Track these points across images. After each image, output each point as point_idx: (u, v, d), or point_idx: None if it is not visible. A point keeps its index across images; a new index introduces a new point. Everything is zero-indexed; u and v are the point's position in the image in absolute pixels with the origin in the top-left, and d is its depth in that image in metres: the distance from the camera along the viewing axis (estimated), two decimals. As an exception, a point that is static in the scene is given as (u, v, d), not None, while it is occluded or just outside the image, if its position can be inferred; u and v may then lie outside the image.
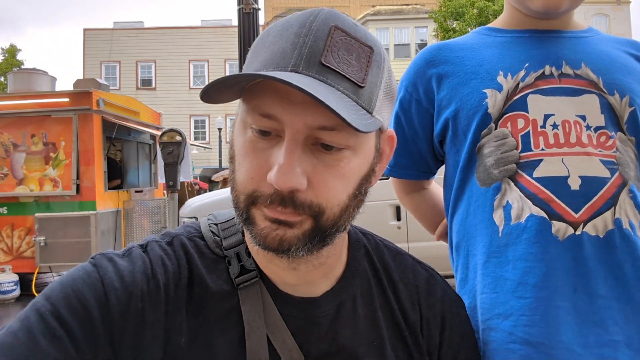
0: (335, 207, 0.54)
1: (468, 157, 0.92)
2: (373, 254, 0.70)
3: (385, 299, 0.67)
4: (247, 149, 0.54)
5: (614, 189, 0.82)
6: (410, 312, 0.67)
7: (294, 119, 0.51)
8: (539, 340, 0.79)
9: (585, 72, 0.86)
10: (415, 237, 4.51)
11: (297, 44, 0.52)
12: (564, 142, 0.84)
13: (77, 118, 5.99)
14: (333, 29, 0.53)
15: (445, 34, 15.83)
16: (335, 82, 0.51)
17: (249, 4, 4.49)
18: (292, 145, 0.51)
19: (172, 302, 0.57)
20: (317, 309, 0.62)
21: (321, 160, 0.53)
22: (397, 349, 0.64)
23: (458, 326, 0.69)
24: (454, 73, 0.95)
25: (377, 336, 0.63)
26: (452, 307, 0.70)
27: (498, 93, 0.89)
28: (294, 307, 0.61)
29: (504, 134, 0.87)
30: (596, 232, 0.80)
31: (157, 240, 0.63)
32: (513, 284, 0.83)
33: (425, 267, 0.73)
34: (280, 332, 0.59)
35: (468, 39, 1.00)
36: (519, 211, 0.84)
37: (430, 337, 0.67)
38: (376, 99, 0.55)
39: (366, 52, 0.55)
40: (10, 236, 6.07)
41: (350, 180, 0.55)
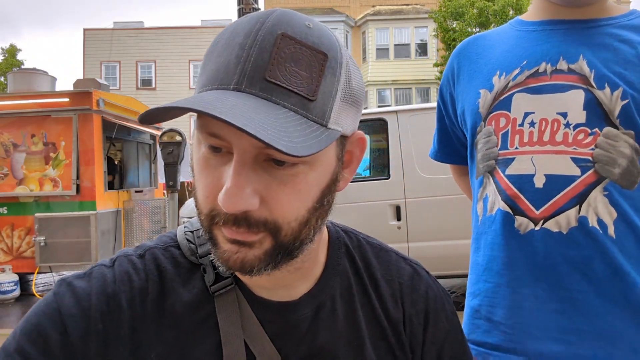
0: (292, 222, 0.52)
1: (470, 151, 1.01)
2: (354, 252, 0.68)
3: (366, 298, 0.66)
4: (201, 166, 0.53)
5: (582, 187, 0.84)
6: (392, 309, 0.66)
7: (239, 139, 0.48)
8: (498, 319, 0.89)
9: (579, 65, 0.87)
10: (415, 237, 4.51)
11: (240, 57, 0.48)
12: (537, 141, 0.87)
13: (77, 118, 5.99)
14: (280, 38, 0.49)
15: (445, 34, 15.82)
16: (281, 99, 0.48)
17: (249, 4, 4.50)
18: (239, 167, 0.48)
19: (138, 318, 0.57)
20: (295, 312, 0.61)
21: (274, 176, 0.50)
22: (378, 347, 0.63)
23: (442, 322, 0.68)
24: (467, 70, 1.01)
25: (356, 336, 0.63)
26: (436, 303, 0.68)
27: (489, 93, 0.94)
28: (271, 312, 0.60)
29: (489, 132, 0.94)
30: (559, 229, 0.84)
31: (129, 254, 0.62)
32: (481, 268, 0.94)
33: (410, 262, 0.71)
34: (259, 338, 0.58)
35: (497, 33, 1.04)
36: (492, 204, 0.92)
37: (413, 334, 0.66)
38: (331, 109, 0.51)
39: (318, 60, 0.50)
40: (10, 236, 6.07)
41: (309, 195, 0.53)
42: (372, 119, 4.93)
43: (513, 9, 14.43)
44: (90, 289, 0.57)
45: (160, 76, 24.49)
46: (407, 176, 4.57)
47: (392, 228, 4.51)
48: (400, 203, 4.54)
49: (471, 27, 15.13)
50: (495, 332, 0.89)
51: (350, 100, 0.54)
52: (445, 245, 4.39)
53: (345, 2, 22.73)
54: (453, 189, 4.31)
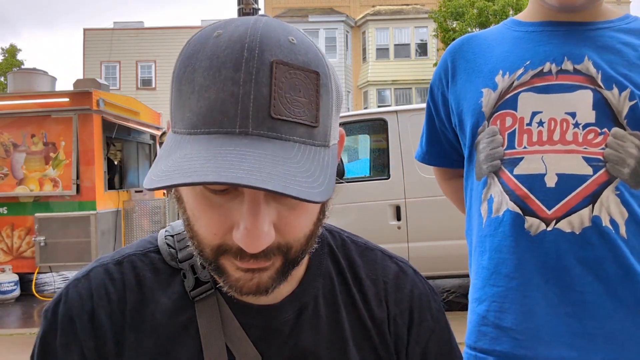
0: (301, 239, 0.53)
1: (469, 152, 0.98)
2: (338, 252, 0.67)
3: (350, 299, 0.65)
4: (200, 204, 0.50)
5: (594, 186, 0.82)
6: (376, 309, 0.64)
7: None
8: (508, 325, 0.86)
9: (585, 66, 0.87)
10: (415, 237, 4.50)
11: (237, 95, 0.45)
12: (547, 140, 0.86)
13: (77, 118, 5.99)
14: (275, 66, 0.46)
15: (445, 34, 15.82)
16: (289, 133, 0.46)
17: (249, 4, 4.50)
18: (255, 207, 0.47)
19: (118, 330, 0.57)
20: (277, 315, 0.60)
21: (283, 204, 0.50)
22: (362, 348, 0.62)
23: (427, 321, 0.67)
24: (465, 69, 0.99)
25: (340, 338, 0.62)
26: (421, 301, 0.67)
27: (492, 92, 0.92)
28: (253, 316, 0.60)
29: (493, 132, 0.91)
30: (571, 229, 0.83)
31: (105, 262, 0.61)
32: (488, 272, 0.90)
33: (396, 260, 0.70)
34: (241, 342, 0.58)
35: (492, 32, 1.03)
36: (498, 205, 0.89)
37: (397, 334, 0.65)
38: (330, 128, 0.51)
39: (312, 81, 0.48)
40: (10, 236, 6.07)
41: (314, 211, 0.54)
42: (372, 119, 4.93)
43: (513, 9, 14.43)
44: (70, 312, 0.58)
45: (160, 76, 24.49)
46: (407, 176, 4.57)
47: (392, 228, 4.51)
48: (400, 203, 4.54)
49: (471, 27, 15.12)
50: (505, 339, 0.86)
51: (338, 110, 0.54)
52: (445, 245, 4.39)
53: (345, 2, 22.73)
54: (453, 189, 4.32)
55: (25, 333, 4.57)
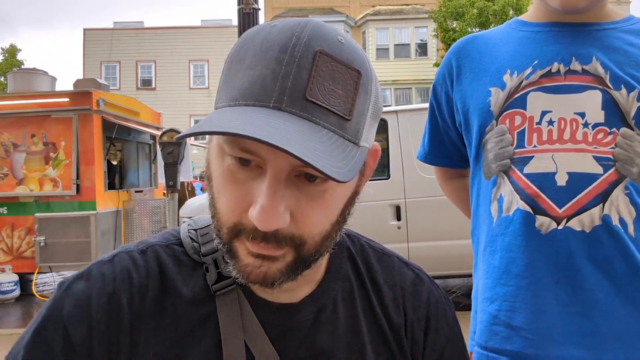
0: (316, 236, 0.53)
1: (476, 151, 0.98)
2: (357, 257, 0.68)
3: (368, 303, 0.65)
4: (225, 179, 0.52)
5: (605, 185, 0.83)
6: (394, 315, 0.65)
7: (276, 157, 0.48)
8: (519, 324, 0.86)
9: (593, 67, 0.87)
10: (415, 237, 4.51)
11: (278, 73, 0.48)
12: (557, 139, 0.86)
13: (77, 118, 5.99)
14: (318, 55, 0.49)
15: (445, 34, 15.81)
16: (321, 118, 0.48)
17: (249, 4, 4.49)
18: (275, 184, 0.48)
19: (137, 316, 0.57)
20: (296, 315, 0.61)
21: (305, 192, 0.50)
22: (379, 353, 0.63)
23: (443, 328, 0.68)
24: (470, 69, 0.99)
25: (357, 341, 0.62)
26: (437, 308, 0.68)
27: (501, 91, 0.92)
28: (272, 313, 0.60)
29: (502, 131, 0.91)
30: (582, 227, 0.83)
31: (130, 250, 0.61)
32: (499, 272, 0.90)
33: (412, 267, 0.71)
34: (259, 339, 0.58)
35: (496, 32, 1.02)
36: (508, 204, 0.89)
37: (414, 340, 0.65)
38: (363, 127, 0.52)
39: (353, 78, 0.50)
40: (10, 236, 6.07)
41: (334, 209, 0.54)
42: (372, 119, 4.92)
43: (513, 9, 14.43)
44: (90, 290, 0.57)
45: (160, 76, 24.49)
46: (407, 176, 4.57)
47: (392, 228, 4.51)
48: (400, 203, 4.54)
49: (471, 27, 15.12)
50: (516, 339, 0.86)
51: (375, 116, 0.55)
52: (445, 245, 4.39)
53: (345, 2, 22.73)
54: (453, 189, 4.32)
55: (25, 333, 4.57)
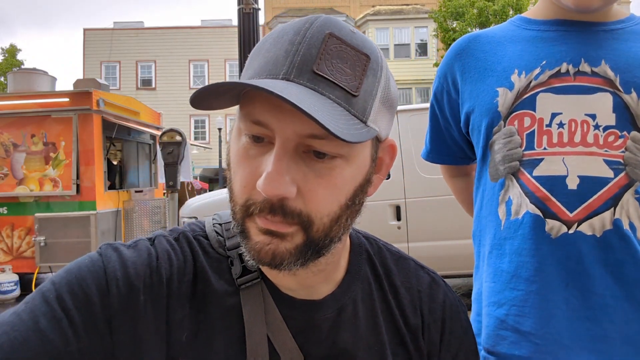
0: (324, 217, 0.53)
1: (482, 152, 0.96)
2: (375, 259, 0.70)
3: (386, 304, 0.67)
4: (240, 156, 0.54)
5: (616, 189, 0.82)
6: (411, 317, 0.67)
7: (283, 126, 0.51)
8: (528, 329, 0.85)
9: (603, 69, 0.86)
10: (415, 237, 4.51)
11: (289, 51, 0.52)
12: (567, 142, 0.85)
13: (77, 118, 5.99)
14: (328, 37, 0.52)
15: (445, 34, 15.81)
16: (327, 91, 0.50)
17: (249, 4, 4.49)
18: (281, 153, 0.51)
19: (175, 297, 0.57)
20: (318, 312, 0.62)
21: (312, 168, 0.52)
22: (397, 353, 0.64)
23: (458, 330, 0.69)
24: (475, 68, 0.97)
25: (377, 341, 0.63)
26: (452, 311, 0.70)
27: (509, 92, 0.90)
28: (295, 309, 0.61)
29: (510, 132, 0.89)
30: (593, 232, 0.82)
31: (165, 235, 0.63)
32: (508, 275, 0.88)
33: (428, 271, 0.73)
34: (281, 333, 0.59)
35: (500, 31, 1.00)
36: (517, 207, 0.88)
37: (431, 341, 0.67)
38: (371, 108, 0.53)
39: (362, 61, 0.53)
40: (10, 236, 6.07)
41: (342, 190, 0.54)
42: (372, 119, 4.91)
43: (513, 9, 14.43)
44: (136, 259, 0.57)
45: (160, 76, 24.49)
46: (407, 176, 4.57)
47: (392, 228, 4.51)
48: (400, 203, 4.54)
49: (471, 27, 15.11)
50: (524, 344, 0.85)
51: (387, 104, 0.57)
52: (445, 245, 4.39)
53: (345, 2, 22.73)
54: (453, 189, 4.32)
55: (25, 333, 4.57)
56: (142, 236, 0.63)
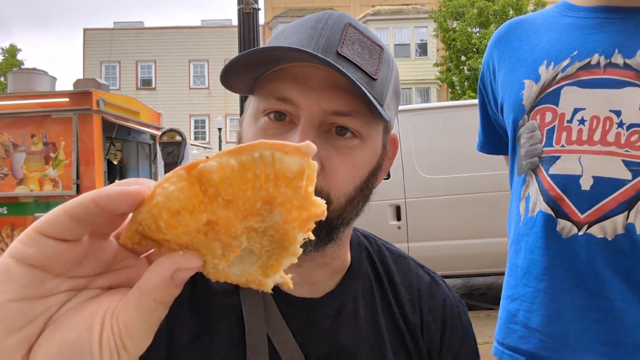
0: (342, 197, 0.55)
1: (512, 145, 0.95)
2: (375, 257, 0.70)
3: (386, 302, 0.67)
4: (259, 135, 0.55)
5: (632, 192, 0.78)
6: (411, 315, 0.67)
7: (310, 102, 0.52)
8: (535, 326, 0.85)
9: (637, 61, 0.81)
10: (415, 237, 4.50)
11: (313, 35, 0.54)
12: (586, 140, 0.81)
13: (77, 118, 5.99)
14: (347, 26, 0.56)
15: (445, 34, 15.81)
16: (350, 72, 0.52)
17: (249, 4, 4.49)
18: (307, 129, 0.52)
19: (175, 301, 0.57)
20: (318, 310, 0.62)
21: (335, 147, 0.54)
22: (397, 351, 0.64)
23: (458, 330, 0.69)
24: (510, 57, 0.95)
25: (378, 338, 0.64)
26: (453, 311, 0.70)
27: (534, 84, 0.87)
28: (295, 307, 0.61)
29: (533, 127, 0.87)
30: (604, 235, 0.79)
31: None
32: (521, 272, 0.89)
33: (427, 270, 0.73)
34: (281, 332, 0.59)
35: (540, 16, 0.96)
36: (533, 204, 0.87)
37: (430, 340, 0.67)
38: (387, 93, 0.56)
39: (377, 51, 0.57)
40: (10, 236, 6.06)
41: (359, 172, 0.56)
42: (372, 119, 4.91)
43: (513, 9, 14.42)
44: None
45: (160, 76, 24.49)
46: (407, 176, 4.56)
47: (392, 228, 4.51)
48: (400, 203, 4.54)
49: (471, 27, 15.11)
50: (531, 340, 0.85)
51: (396, 95, 0.60)
52: (445, 245, 4.39)
53: (345, 2, 22.73)
54: (453, 189, 4.33)
55: (25, 333, 4.56)
56: None
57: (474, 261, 4.32)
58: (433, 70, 17.98)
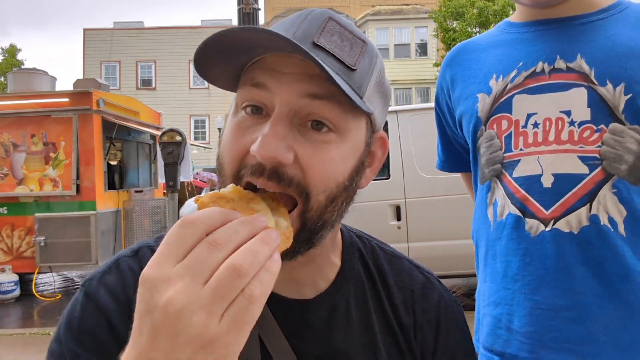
0: (321, 193, 0.53)
1: (473, 156, 0.99)
2: (367, 258, 0.69)
3: (379, 303, 0.66)
4: (234, 128, 0.54)
5: (591, 185, 0.82)
6: (404, 316, 0.66)
7: (282, 88, 0.51)
8: (516, 328, 0.87)
9: (578, 64, 0.85)
10: (415, 237, 4.50)
11: (290, 29, 0.54)
12: (542, 141, 0.86)
13: (77, 118, 5.99)
14: (328, 19, 0.55)
15: (445, 34, 15.81)
16: (326, 61, 0.51)
17: (249, 4, 4.49)
18: (278, 118, 0.51)
19: None
20: (310, 311, 0.61)
21: (310, 140, 0.52)
22: (391, 353, 0.63)
23: (454, 332, 0.68)
24: (462, 77, 1.00)
25: (371, 340, 0.63)
26: (448, 312, 0.69)
27: (487, 97, 0.93)
28: (286, 309, 0.61)
29: (491, 136, 0.92)
30: (570, 229, 0.82)
31: (150, 244, 0.62)
32: (500, 276, 0.91)
33: (422, 271, 0.71)
34: (273, 334, 0.59)
35: (486, 37, 1.03)
36: (502, 209, 0.90)
37: (424, 342, 0.66)
38: (367, 85, 0.55)
39: (359, 44, 0.56)
40: (10, 236, 6.07)
41: (339, 168, 0.54)
42: (372, 119, 4.92)
43: (513, 9, 14.42)
44: (122, 282, 0.57)
45: (160, 76, 24.48)
46: (407, 176, 4.56)
47: (392, 228, 4.51)
48: (400, 203, 4.54)
49: (471, 27, 15.12)
50: (513, 342, 0.87)
51: (381, 90, 0.58)
52: (445, 245, 4.39)
53: (345, 2, 22.74)
54: (453, 189, 4.32)
55: (25, 333, 4.57)
56: (123, 251, 0.62)
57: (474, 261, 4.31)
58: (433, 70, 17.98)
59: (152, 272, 0.39)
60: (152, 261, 0.40)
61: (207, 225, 0.40)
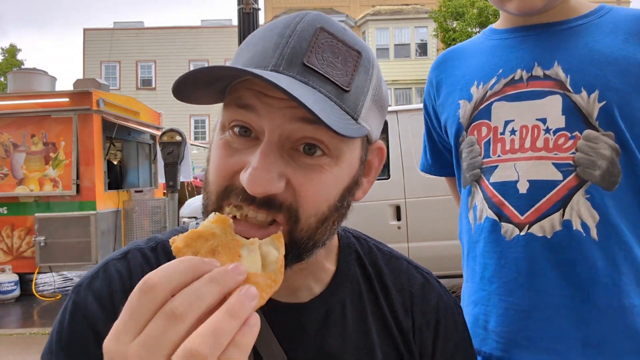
0: (312, 217, 0.51)
1: (456, 161, 1.03)
2: (365, 259, 0.68)
3: (377, 305, 0.65)
4: (221, 148, 0.52)
5: (565, 191, 0.84)
6: (402, 318, 0.65)
7: (272, 111, 0.49)
8: (491, 328, 0.90)
9: (555, 71, 0.87)
10: (415, 237, 4.51)
11: (279, 44, 0.50)
12: (518, 148, 0.88)
13: (77, 118, 5.99)
14: (319, 31, 0.51)
15: (445, 34, 15.81)
16: (317, 85, 0.49)
17: (249, 4, 4.49)
18: (268, 148, 0.48)
19: None
20: (304, 315, 0.61)
21: (302, 165, 0.50)
22: (388, 356, 0.63)
23: (453, 333, 0.67)
24: (446, 83, 1.03)
25: (367, 343, 0.62)
26: (447, 314, 0.68)
27: (468, 103, 0.95)
28: (280, 313, 0.60)
29: (471, 142, 0.95)
30: (543, 233, 0.85)
31: (141, 246, 0.62)
32: (478, 276, 0.94)
33: (421, 271, 0.70)
34: (266, 339, 0.58)
35: (470, 44, 1.05)
36: (480, 212, 0.94)
37: (423, 344, 0.65)
38: (362, 105, 0.52)
39: (353, 57, 0.52)
40: (10, 236, 6.06)
41: (332, 190, 0.52)
42: (372, 119, 4.92)
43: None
44: (110, 287, 0.57)
45: (160, 76, 24.47)
46: (407, 176, 4.57)
47: (392, 228, 4.51)
48: (400, 203, 4.54)
49: (471, 27, 15.11)
50: (489, 341, 0.90)
51: (378, 104, 0.55)
52: (445, 245, 4.39)
53: (345, 2, 22.73)
54: (453, 189, 4.32)
55: (25, 333, 4.57)
56: (114, 253, 0.62)
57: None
58: (433, 70, 17.96)
59: (111, 345, 0.36)
60: (112, 331, 0.37)
61: (169, 289, 0.36)
